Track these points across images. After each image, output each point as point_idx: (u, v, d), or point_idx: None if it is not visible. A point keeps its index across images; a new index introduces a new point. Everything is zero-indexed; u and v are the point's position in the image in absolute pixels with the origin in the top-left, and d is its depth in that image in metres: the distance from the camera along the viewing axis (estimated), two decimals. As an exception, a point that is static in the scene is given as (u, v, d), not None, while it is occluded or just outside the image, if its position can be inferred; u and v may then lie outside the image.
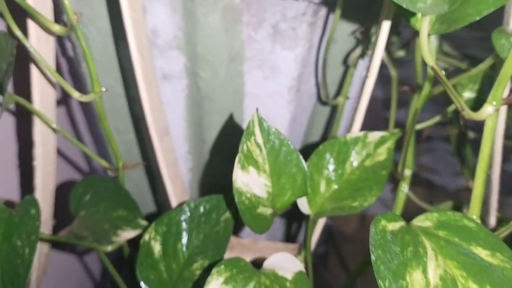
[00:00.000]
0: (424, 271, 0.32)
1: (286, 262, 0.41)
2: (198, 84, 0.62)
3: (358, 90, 0.55)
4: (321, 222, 0.52)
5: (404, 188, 0.53)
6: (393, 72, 0.59)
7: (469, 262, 0.33)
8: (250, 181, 0.43)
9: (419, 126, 0.54)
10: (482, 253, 0.34)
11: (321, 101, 0.66)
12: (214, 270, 0.40)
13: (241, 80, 0.62)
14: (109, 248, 0.57)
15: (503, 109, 0.45)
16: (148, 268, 0.49)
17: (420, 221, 0.36)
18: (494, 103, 0.38)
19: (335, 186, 0.48)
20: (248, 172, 0.43)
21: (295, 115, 0.66)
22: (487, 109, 0.38)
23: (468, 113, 0.39)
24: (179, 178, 0.57)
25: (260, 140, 0.42)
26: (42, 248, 0.59)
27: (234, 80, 0.61)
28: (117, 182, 0.55)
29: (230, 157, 0.45)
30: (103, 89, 0.49)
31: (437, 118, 0.54)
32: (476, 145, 0.44)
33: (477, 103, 0.54)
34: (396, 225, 0.35)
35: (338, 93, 0.64)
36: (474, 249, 0.34)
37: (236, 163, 0.41)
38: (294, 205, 0.47)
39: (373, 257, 0.32)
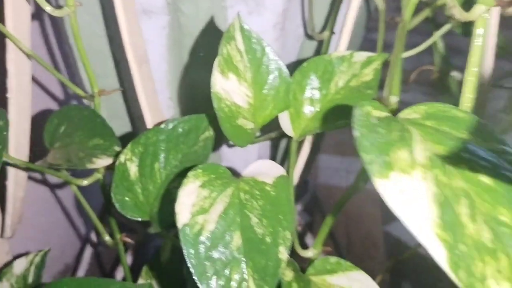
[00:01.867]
0: (411, 152, 0.30)
1: (267, 169, 0.39)
2: (180, 20, 0.60)
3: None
4: (306, 148, 0.50)
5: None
6: (380, 6, 0.57)
7: (459, 146, 0.31)
8: (230, 88, 0.41)
9: (406, 54, 0.52)
10: (473, 138, 0.32)
11: (307, 43, 0.64)
12: (190, 173, 0.38)
13: (225, 15, 0.60)
14: (85, 182, 0.55)
15: (496, 12, 0.44)
16: (123, 190, 0.47)
17: (407, 114, 0.35)
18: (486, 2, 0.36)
19: (319, 106, 0.46)
20: (228, 78, 0.41)
21: (280, 56, 0.64)
22: (479, 9, 0.37)
23: (458, 12, 0.37)
24: (158, 109, 0.54)
25: (241, 46, 0.41)
26: (18, 179, 0.57)
27: (217, 15, 0.59)
28: (92, 110, 0.53)
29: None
30: (78, 4, 0.46)
31: (423, 45, 0.53)
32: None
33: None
34: (382, 114, 0.33)
35: (324, 29, 0.62)
36: (464, 134, 0.32)
37: (215, 66, 0.39)
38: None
39: (357, 133, 0.30)
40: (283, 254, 0.35)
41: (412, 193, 0.28)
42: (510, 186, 0.29)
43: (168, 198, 0.45)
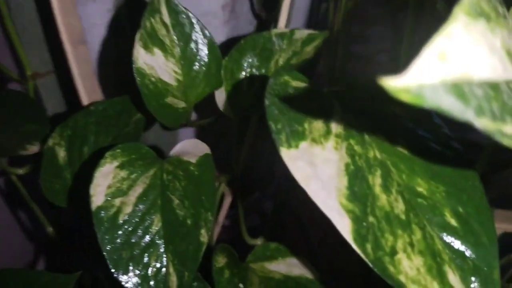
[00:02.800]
0: (327, 121, 0.28)
1: (193, 148, 0.37)
2: (125, 3, 0.58)
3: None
4: (251, 131, 0.48)
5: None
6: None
7: (380, 116, 0.29)
8: (155, 64, 0.38)
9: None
10: (397, 107, 0.30)
11: (263, 27, 0.62)
12: (108, 153, 0.35)
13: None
14: (20, 171, 0.52)
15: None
16: (52, 177, 0.44)
17: (333, 87, 0.33)
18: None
19: (259, 85, 0.44)
20: (153, 53, 0.38)
21: (231, 38, 0.62)
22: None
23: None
24: (96, 92, 0.52)
25: (167, 19, 0.38)
26: None
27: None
28: (26, 95, 0.50)
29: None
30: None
31: None
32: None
33: None
34: (301, 84, 0.31)
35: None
36: (387, 105, 0.30)
37: (136, 40, 0.37)
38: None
39: (267, 102, 0.27)
40: (204, 236, 0.33)
41: (321, 163, 0.25)
42: (429, 156, 0.27)
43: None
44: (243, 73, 0.43)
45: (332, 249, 0.59)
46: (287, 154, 0.25)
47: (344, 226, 0.23)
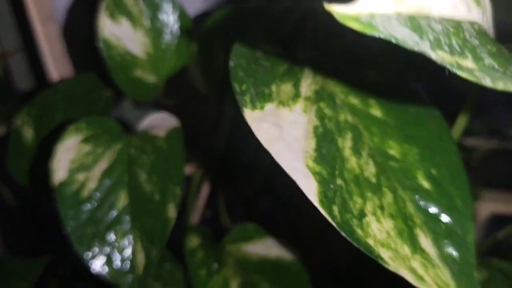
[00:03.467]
0: (296, 85, 0.27)
1: (161, 122, 0.35)
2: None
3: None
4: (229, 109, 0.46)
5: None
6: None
7: (353, 80, 0.28)
8: (123, 35, 0.37)
9: None
10: (371, 74, 0.29)
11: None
12: (71, 127, 0.34)
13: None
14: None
15: None
16: (20, 157, 0.42)
17: (304, 52, 0.31)
18: None
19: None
20: (121, 23, 0.37)
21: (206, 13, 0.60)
22: None
23: None
24: (68, 70, 0.50)
25: (134, -12, 0.37)
26: None
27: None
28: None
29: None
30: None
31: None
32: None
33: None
34: (271, 49, 0.30)
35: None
36: (362, 71, 0.29)
37: (101, 9, 0.35)
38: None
39: (231, 64, 0.26)
40: (172, 212, 0.32)
41: (288, 125, 0.24)
42: (401, 118, 0.26)
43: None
44: (218, 45, 0.42)
45: (327, 248, 0.57)
46: (250, 116, 0.24)
47: (310, 188, 0.22)
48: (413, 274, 0.21)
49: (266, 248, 0.40)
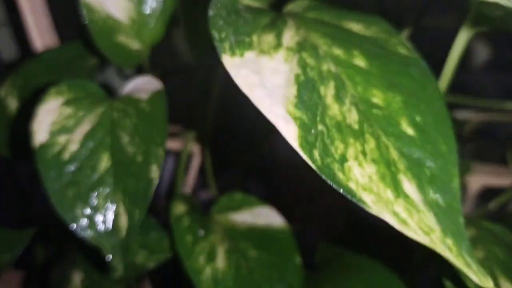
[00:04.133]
0: (278, 36, 0.26)
1: (145, 85, 0.35)
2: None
3: None
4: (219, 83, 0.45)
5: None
6: None
7: (337, 33, 0.27)
8: (105, -1, 0.36)
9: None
10: (356, 27, 0.28)
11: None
12: (52, 89, 0.33)
13: None
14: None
15: None
16: (3, 128, 0.42)
17: (289, 9, 0.31)
18: None
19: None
20: (102, -13, 0.36)
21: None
22: None
23: None
24: (53, 38, 0.49)
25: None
26: None
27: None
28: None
29: None
30: None
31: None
32: None
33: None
34: (255, 4, 0.29)
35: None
36: (346, 24, 0.28)
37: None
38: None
39: (210, 13, 0.25)
40: (155, 172, 0.31)
41: (268, 73, 0.24)
42: (386, 67, 0.25)
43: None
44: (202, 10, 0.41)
45: (320, 213, 0.57)
46: (229, 62, 0.23)
47: (290, 132, 0.21)
48: (396, 217, 0.21)
49: (254, 216, 0.40)
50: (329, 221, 0.50)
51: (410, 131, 0.23)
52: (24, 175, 0.55)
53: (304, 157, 0.21)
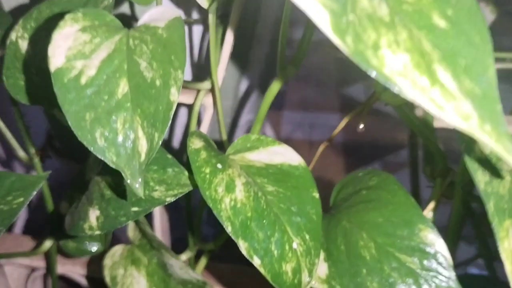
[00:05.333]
0: None
1: (161, 15, 0.34)
2: None
3: None
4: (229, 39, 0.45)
5: None
6: None
7: None
8: None
9: None
10: None
11: None
12: (68, 16, 0.32)
13: None
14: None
15: None
16: (16, 73, 0.41)
17: None
18: None
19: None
20: None
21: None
22: None
23: None
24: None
25: None
26: None
27: None
28: None
29: None
30: None
31: None
32: None
33: None
34: None
35: None
36: None
37: None
38: None
39: None
40: (175, 95, 0.31)
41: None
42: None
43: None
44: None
45: None
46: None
47: (323, 19, 0.21)
48: (433, 103, 0.20)
49: (270, 155, 0.39)
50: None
51: (442, 23, 0.22)
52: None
53: (338, 42, 0.21)
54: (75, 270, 0.61)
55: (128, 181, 0.30)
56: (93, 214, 0.37)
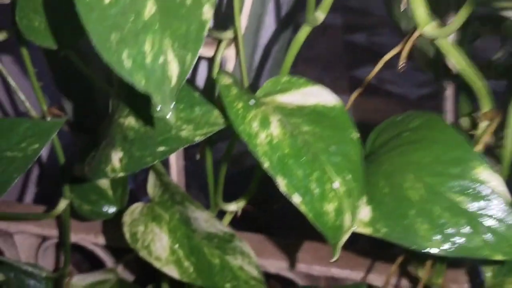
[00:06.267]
0: None
1: None
2: None
3: None
4: None
5: None
6: None
7: None
8: None
9: None
10: None
11: None
12: None
13: None
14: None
15: None
16: (30, 12, 0.39)
17: None
18: None
19: None
20: None
21: None
22: None
23: None
24: None
25: None
26: None
27: None
28: None
29: None
30: None
31: None
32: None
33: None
34: None
35: None
36: None
37: None
38: None
39: None
40: (208, 13, 0.28)
41: None
42: None
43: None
44: None
45: None
46: None
47: None
48: None
49: (303, 96, 0.36)
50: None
51: None
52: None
53: None
54: (88, 238, 0.58)
55: (158, 108, 0.27)
56: (116, 156, 0.34)
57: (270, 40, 0.63)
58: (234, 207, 0.45)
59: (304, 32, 0.40)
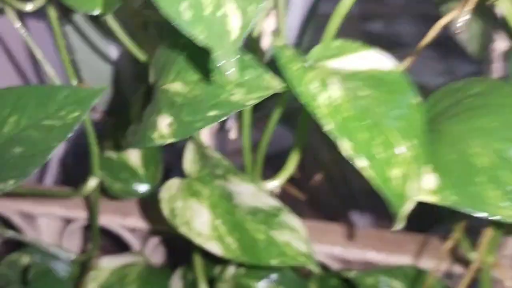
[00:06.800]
0: None
1: None
2: None
3: None
4: None
5: None
6: None
7: None
8: None
9: None
10: None
11: None
12: None
13: None
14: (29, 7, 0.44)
15: None
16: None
17: None
18: None
19: None
20: None
21: None
22: None
23: None
24: None
25: None
26: None
27: None
28: None
29: None
30: None
31: None
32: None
33: None
34: None
35: None
36: None
37: None
38: None
39: None
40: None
41: None
42: None
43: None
44: None
45: None
46: None
47: None
48: None
49: (357, 61, 0.34)
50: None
51: None
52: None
53: None
54: (115, 220, 0.57)
55: (219, 64, 0.26)
56: (163, 122, 0.32)
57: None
58: (275, 183, 0.44)
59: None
